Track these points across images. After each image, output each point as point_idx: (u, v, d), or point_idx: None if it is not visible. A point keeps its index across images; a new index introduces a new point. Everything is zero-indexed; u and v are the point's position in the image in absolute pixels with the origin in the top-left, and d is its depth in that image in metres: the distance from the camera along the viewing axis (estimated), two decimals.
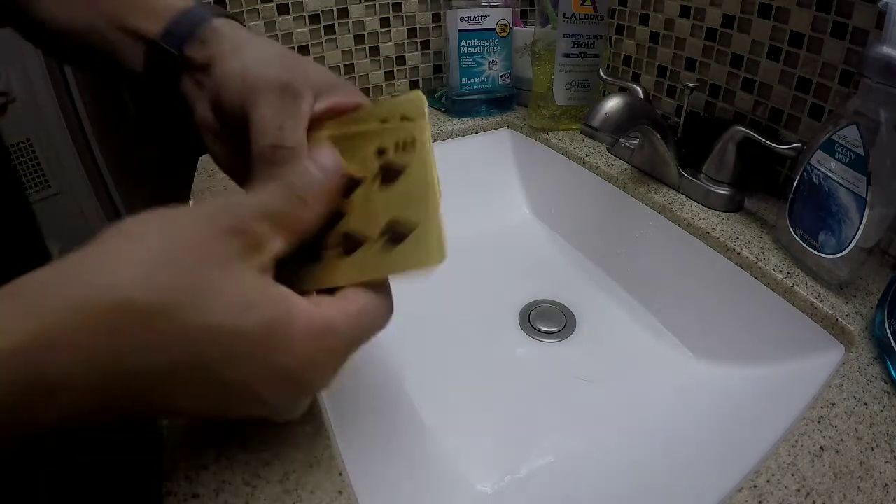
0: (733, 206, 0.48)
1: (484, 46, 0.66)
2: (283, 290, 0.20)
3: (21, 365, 0.16)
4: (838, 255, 0.38)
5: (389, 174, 0.22)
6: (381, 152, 0.23)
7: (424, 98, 0.23)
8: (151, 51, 0.27)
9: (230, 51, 0.26)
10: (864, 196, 0.35)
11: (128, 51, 0.27)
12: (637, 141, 0.54)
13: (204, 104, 0.27)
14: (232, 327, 0.18)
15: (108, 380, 0.17)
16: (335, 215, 0.23)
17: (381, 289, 0.22)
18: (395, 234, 0.21)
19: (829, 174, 0.38)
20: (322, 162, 0.22)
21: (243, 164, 0.25)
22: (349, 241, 0.22)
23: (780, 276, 0.40)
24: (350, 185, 0.23)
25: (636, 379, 0.45)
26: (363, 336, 0.21)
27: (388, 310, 0.22)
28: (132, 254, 0.18)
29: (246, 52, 0.26)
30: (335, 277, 0.22)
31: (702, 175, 0.49)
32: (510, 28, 0.66)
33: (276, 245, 0.20)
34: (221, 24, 0.27)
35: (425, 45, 0.73)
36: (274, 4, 0.62)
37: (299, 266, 0.22)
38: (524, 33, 0.68)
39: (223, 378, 0.19)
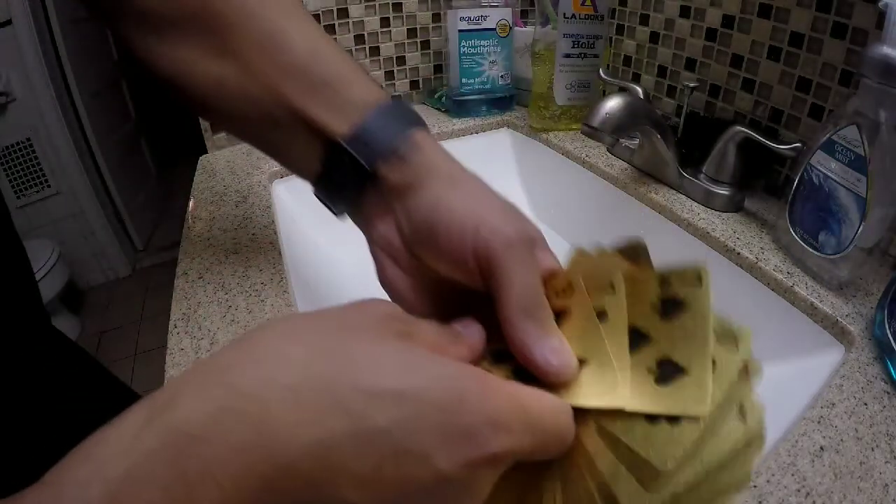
0: (733, 206, 0.48)
1: (484, 46, 0.66)
2: None
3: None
4: (838, 255, 0.38)
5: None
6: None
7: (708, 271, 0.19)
8: (334, 154, 0.24)
9: (446, 181, 0.24)
10: (864, 196, 0.35)
11: (301, 145, 0.25)
12: (637, 141, 0.54)
13: (389, 226, 0.25)
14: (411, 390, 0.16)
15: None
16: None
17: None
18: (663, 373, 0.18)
19: (829, 174, 0.38)
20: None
21: (420, 296, 0.24)
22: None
23: (780, 276, 0.40)
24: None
25: None
26: (540, 439, 0.17)
27: (568, 436, 0.18)
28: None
29: (465, 188, 0.24)
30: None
31: (702, 175, 0.49)
32: (510, 28, 0.66)
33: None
34: (422, 139, 0.24)
35: (425, 45, 0.73)
36: None
37: None
38: (524, 33, 0.68)
39: (395, 446, 0.15)
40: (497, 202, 0.24)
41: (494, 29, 0.65)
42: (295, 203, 0.57)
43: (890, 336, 0.33)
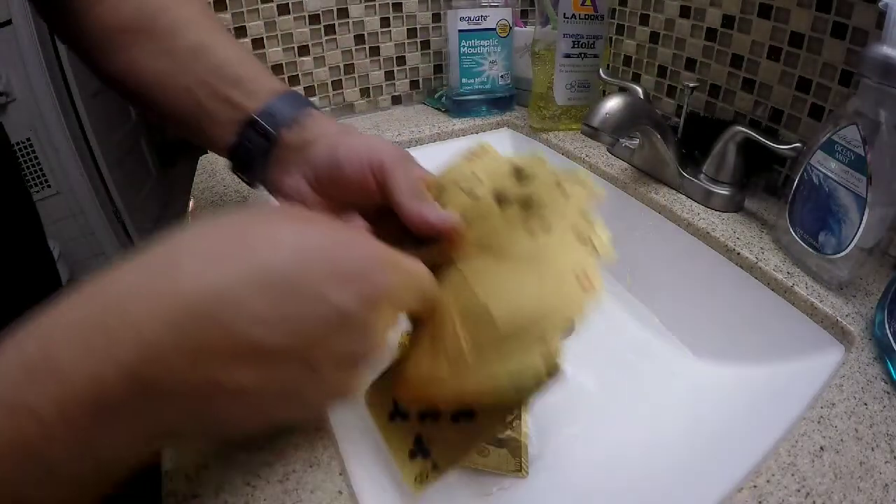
0: (733, 206, 0.48)
1: (484, 46, 0.66)
2: None
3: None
4: (838, 255, 0.38)
5: None
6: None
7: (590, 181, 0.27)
8: (247, 126, 0.31)
9: (339, 132, 0.31)
10: (864, 196, 0.35)
11: (222, 121, 0.32)
12: (637, 141, 0.54)
13: (296, 178, 0.31)
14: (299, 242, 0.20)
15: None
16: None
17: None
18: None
19: (829, 174, 0.38)
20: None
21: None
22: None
23: (780, 276, 0.40)
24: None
25: (636, 379, 0.45)
26: (415, 282, 0.23)
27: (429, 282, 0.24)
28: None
29: (354, 134, 0.31)
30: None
31: (702, 175, 0.49)
32: (510, 28, 0.66)
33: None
34: (315, 113, 0.32)
35: (425, 45, 0.73)
36: (274, 4, 0.62)
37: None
38: (524, 33, 0.68)
39: (292, 286, 0.19)
40: (380, 140, 0.31)
41: (494, 29, 0.65)
42: None
43: (890, 336, 0.33)
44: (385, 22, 0.70)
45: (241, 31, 0.62)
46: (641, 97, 0.53)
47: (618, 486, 0.35)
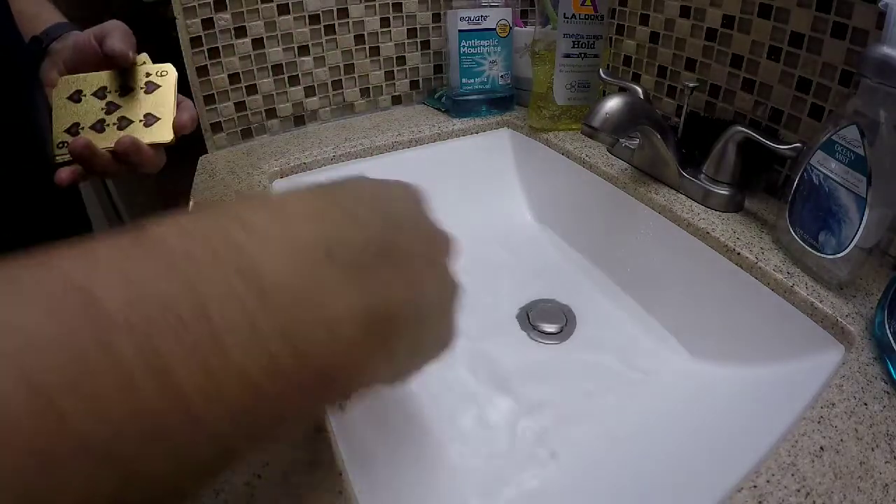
0: (733, 206, 0.48)
1: (484, 46, 0.66)
2: None
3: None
4: (838, 256, 0.38)
5: (150, 88, 0.39)
6: (147, 74, 0.40)
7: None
8: (33, 42, 0.42)
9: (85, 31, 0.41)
10: (864, 196, 0.35)
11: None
12: (637, 141, 0.54)
13: (54, 69, 0.40)
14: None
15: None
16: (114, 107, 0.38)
17: None
18: (149, 120, 0.38)
19: (829, 174, 0.38)
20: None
21: None
22: (123, 121, 0.38)
23: (780, 276, 0.40)
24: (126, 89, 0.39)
25: (635, 378, 0.45)
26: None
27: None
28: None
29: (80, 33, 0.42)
30: (111, 139, 0.37)
31: (702, 175, 0.49)
32: (510, 28, 0.66)
33: None
34: (76, 31, 0.42)
35: (425, 45, 0.73)
36: (274, 4, 0.62)
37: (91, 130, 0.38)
38: (524, 33, 0.68)
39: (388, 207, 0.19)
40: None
41: (494, 29, 0.65)
42: None
43: (890, 336, 0.33)
44: (385, 22, 0.69)
45: (241, 31, 0.62)
46: (641, 97, 0.53)
47: (618, 486, 0.35)
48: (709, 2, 0.52)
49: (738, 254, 0.43)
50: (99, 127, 0.37)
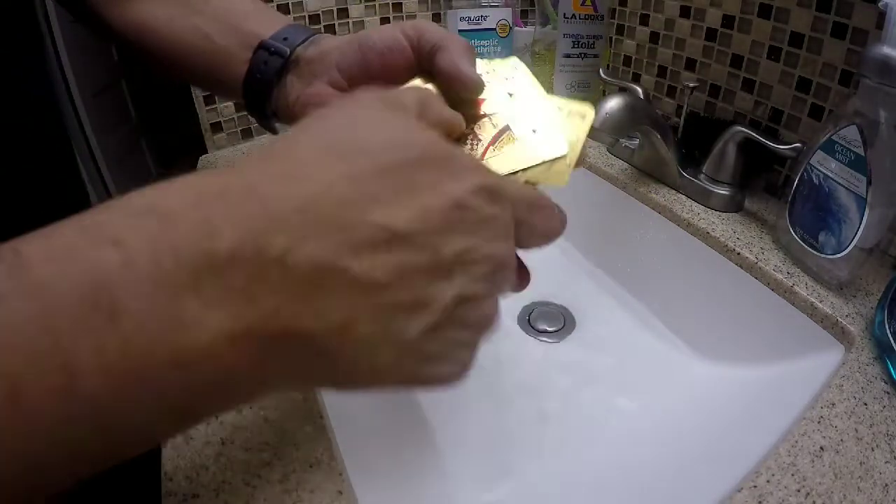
0: (733, 206, 0.48)
1: (484, 46, 0.66)
2: None
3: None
4: (838, 256, 0.38)
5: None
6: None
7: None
8: (259, 49, 0.31)
9: (352, 37, 0.30)
10: (864, 196, 0.35)
11: (233, 51, 0.32)
12: (637, 141, 0.54)
13: (319, 84, 0.31)
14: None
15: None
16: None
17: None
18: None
19: (829, 174, 0.38)
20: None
21: None
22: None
23: (780, 276, 0.40)
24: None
25: (635, 379, 0.45)
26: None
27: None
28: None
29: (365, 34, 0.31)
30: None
31: (702, 175, 0.49)
32: (510, 28, 0.66)
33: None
34: (329, 35, 0.33)
35: None
36: (274, 4, 0.62)
37: None
38: (524, 33, 0.68)
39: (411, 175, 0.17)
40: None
41: (494, 29, 0.65)
42: None
43: (890, 336, 0.33)
44: (385, 22, 0.69)
45: None
46: (641, 97, 0.53)
47: (618, 486, 0.35)
48: (709, 2, 0.52)
49: (738, 254, 0.43)
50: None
